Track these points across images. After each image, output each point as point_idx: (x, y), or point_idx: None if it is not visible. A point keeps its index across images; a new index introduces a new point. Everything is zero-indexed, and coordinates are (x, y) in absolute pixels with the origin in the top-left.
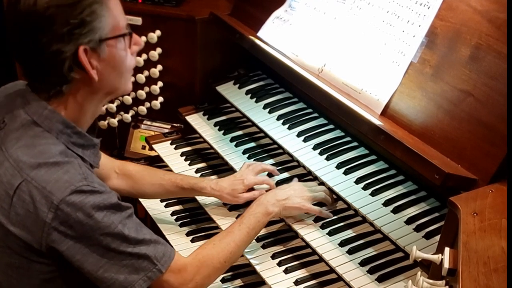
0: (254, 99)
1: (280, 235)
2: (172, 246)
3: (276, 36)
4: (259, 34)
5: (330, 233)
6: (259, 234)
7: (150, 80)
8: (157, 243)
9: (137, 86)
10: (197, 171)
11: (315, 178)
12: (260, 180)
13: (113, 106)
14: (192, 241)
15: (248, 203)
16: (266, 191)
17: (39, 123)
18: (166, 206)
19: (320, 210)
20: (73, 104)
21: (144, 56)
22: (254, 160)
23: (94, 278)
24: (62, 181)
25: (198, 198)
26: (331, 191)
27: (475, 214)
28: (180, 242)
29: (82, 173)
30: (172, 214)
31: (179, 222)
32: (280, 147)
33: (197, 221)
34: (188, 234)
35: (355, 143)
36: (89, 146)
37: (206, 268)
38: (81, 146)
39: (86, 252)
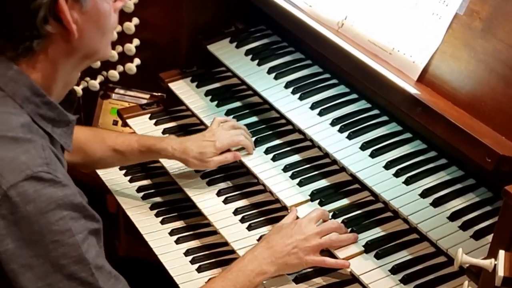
0: (256, 61)
1: None
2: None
3: None
4: None
5: (353, 233)
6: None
7: (123, 37)
8: (118, 280)
9: None
10: None
11: (334, 161)
12: (235, 142)
13: None
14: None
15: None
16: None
17: (1, 87)
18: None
19: (334, 261)
20: (45, 67)
21: None
22: (258, 138)
23: None
24: (17, 162)
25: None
26: (353, 177)
27: None
28: (144, 217)
29: (44, 157)
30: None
31: (142, 193)
32: (289, 122)
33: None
34: (152, 208)
35: (384, 118)
36: (61, 122)
37: None
38: (51, 121)
39: (26, 264)
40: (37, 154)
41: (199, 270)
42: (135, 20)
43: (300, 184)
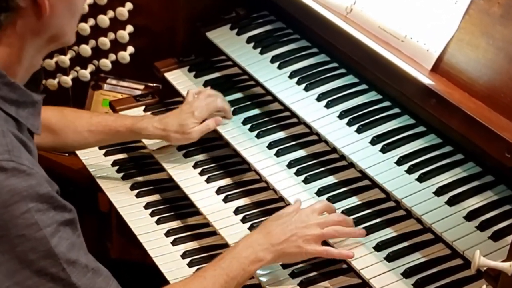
0: (259, 49)
1: None
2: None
3: None
4: None
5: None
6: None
7: (116, 23)
8: (97, 273)
9: (98, 31)
10: (180, 147)
11: (342, 157)
12: (213, 107)
13: (65, 59)
14: (138, 196)
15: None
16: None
17: None
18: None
19: (338, 252)
20: (11, 44)
21: None
22: (261, 132)
23: None
24: None
25: (161, 160)
26: (363, 174)
27: None
28: (138, 217)
29: (5, 144)
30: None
31: (136, 191)
32: (294, 115)
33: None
34: (147, 207)
35: (396, 110)
36: (26, 103)
37: None
38: (14, 103)
39: None
40: None
41: None
42: (129, 5)
43: (306, 181)
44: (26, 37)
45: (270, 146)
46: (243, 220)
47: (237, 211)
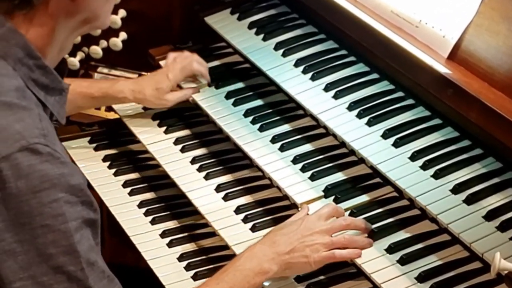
0: (261, 35)
1: None
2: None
3: None
4: None
5: (373, 235)
6: None
7: None
8: (112, 282)
9: None
10: (177, 141)
11: (351, 152)
12: (188, 69)
13: None
14: (131, 194)
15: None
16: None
17: None
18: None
19: (346, 252)
20: (43, 24)
21: None
22: (264, 125)
23: None
24: (10, 131)
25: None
26: (374, 170)
27: None
28: (131, 217)
29: (41, 128)
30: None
31: (129, 189)
32: (299, 106)
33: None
34: (140, 206)
35: (410, 101)
36: (54, 90)
37: None
38: (45, 88)
39: (9, 250)
40: (33, 124)
41: (195, 277)
42: None
43: (312, 178)
44: (59, 18)
45: (274, 140)
46: (245, 220)
47: (238, 211)
